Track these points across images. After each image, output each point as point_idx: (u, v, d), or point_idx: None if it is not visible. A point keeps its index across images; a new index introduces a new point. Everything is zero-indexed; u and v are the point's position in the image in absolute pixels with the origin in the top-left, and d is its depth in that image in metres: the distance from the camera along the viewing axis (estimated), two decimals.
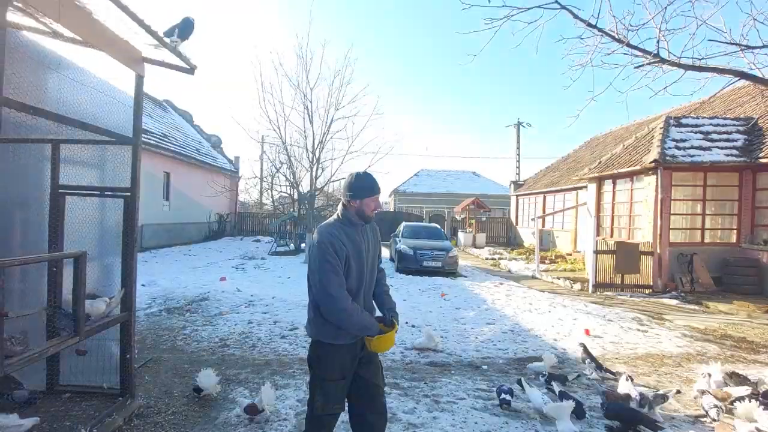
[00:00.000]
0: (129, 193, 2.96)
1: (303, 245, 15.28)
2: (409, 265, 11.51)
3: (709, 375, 3.75)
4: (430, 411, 3.28)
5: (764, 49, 3.91)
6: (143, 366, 4.01)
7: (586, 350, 4.43)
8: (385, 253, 17.33)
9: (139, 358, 4.10)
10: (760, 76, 4.03)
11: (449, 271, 11.52)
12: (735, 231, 9.55)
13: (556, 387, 3.56)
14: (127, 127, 3.06)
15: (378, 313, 2.39)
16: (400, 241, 12.57)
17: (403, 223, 14.21)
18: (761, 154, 8.71)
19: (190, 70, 2.99)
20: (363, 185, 2.19)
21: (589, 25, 4.10)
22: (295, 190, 14.91)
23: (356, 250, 2.17)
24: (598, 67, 4.61)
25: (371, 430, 2.33)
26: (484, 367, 4.43)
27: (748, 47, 3.69)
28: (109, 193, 3.11)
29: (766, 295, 8.31)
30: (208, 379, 3.32)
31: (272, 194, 20.42)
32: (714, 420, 3.15)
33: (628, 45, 4.07)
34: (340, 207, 2.25)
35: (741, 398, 3.34)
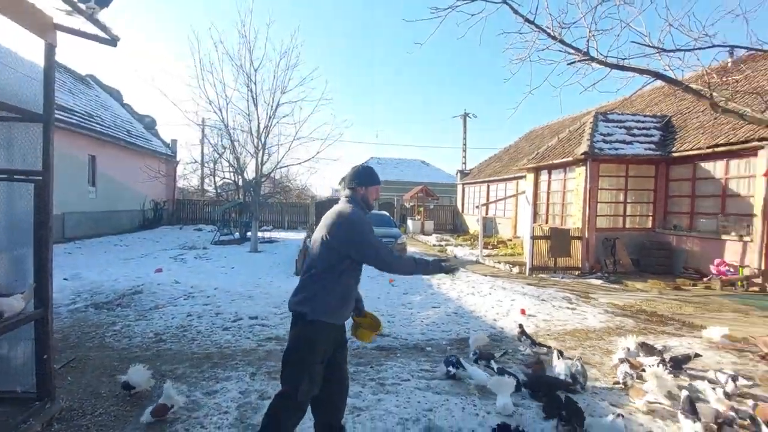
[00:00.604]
0: (40, 177, 2.66)
1: (249, 234, 14.75)
2: None
3: (628, 349, 4.19)
4: (375, 394, 3.35)
5: (677, 52, 4.31)
6: (65, 366, 3.68)
7: (522, 330, 4.76)
8: None
9: (60, 357, 3.77)
10: (673, 77, 4.46)
11: None
12: (651, 217, 10.64)
13: (494, 364, 3.80)
14: (38, 103, 2.72)
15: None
16: None
17: None
18: (673, 149, 9.74)
19: (112, 41, 2.71)
20: (369, 175, 2.47)
21: (527, 20, 4.29)
22: (239, 177, 14.28)
23: None
24: (536, 62, 4.85)
25: (335, 412, 2.43)
26: (429, 348, 4.60)
27: (664, 50, 4.06)
28: (19, 177, 2.76)
29: (675, 274, 9.40)
30: (138, 374, 3.12)
31: (215, 180, 19.41)
32: (626, 385, 3.53)
33: (562, 42, 4.32)
34: (348, 194, 2.43)
35: (651, 365, 3.79)
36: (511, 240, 16.44)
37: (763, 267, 7.86)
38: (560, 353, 3.93)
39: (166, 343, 4.47)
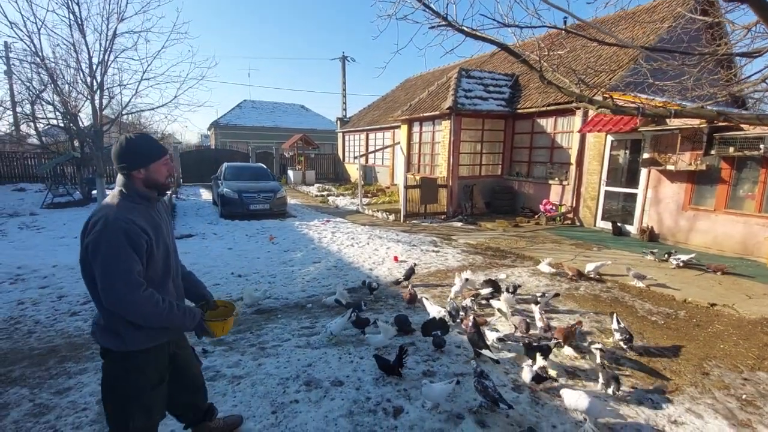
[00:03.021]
0: None
1: (94, 192, 12.49)
2: (234, 209, 10.93)
3: (466, 279, 5.07)
4: (255, 359, 3.44)
5: (514, 28, 4.86)
6: None
7: (412, 268, 5.62)
8: (208, 196, 15.80)
9: None
10: (516, 51, 5.05)
11: (278, 212, 11.48)
12: (500, 166, 12.37)
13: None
14: None
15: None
16: (222, 183, 11.66)
17: (225, 164, 13.10)
18: (518, 106, 11.24)
19: None
20: (144, 149, 1.84)
21: None
22: (71, 124, 11.68)
23: (156, 232, 1.83)
24: (402, 20, 4.94)
25: (195, 410, 2.29)
26: (309, 305, 4.81)
27: (504, 25, 4.54)
28: None
29: (516, 213, 11.31)
30: None
31: (36, 126, 15.55)
32: (469, 311, 4.32)
33: (424, 4, 4.47)
34: (120, 180, 1.84)
35: (488, 297, 4.70)
36: (389, 187, 17.38)
37: (574, 204, 10.02)
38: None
39: None
